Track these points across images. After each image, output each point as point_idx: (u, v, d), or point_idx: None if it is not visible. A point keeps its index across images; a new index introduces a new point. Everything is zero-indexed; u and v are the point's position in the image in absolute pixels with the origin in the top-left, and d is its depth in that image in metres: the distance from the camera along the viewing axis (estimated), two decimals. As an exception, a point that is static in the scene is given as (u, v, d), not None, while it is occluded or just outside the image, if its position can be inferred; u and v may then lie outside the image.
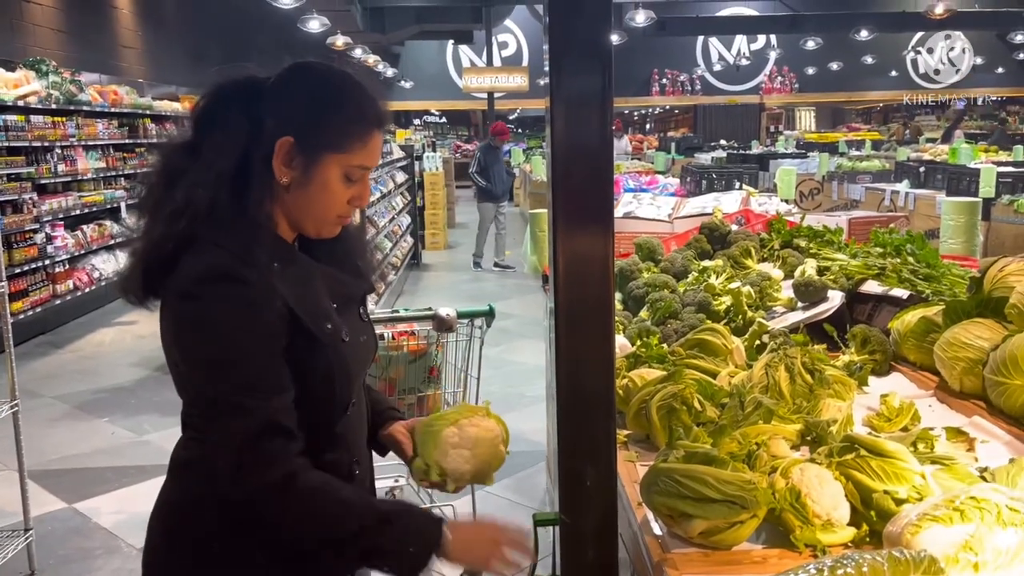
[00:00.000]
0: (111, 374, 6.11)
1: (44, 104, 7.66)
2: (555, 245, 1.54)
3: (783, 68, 24.78)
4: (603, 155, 1.51)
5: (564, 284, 1.53)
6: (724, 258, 3.11)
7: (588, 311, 1.52)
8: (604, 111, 1.52)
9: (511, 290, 9.06)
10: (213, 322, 1.26)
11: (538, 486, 4.01)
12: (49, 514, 3.79)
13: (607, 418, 1.57)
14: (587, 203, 1.51)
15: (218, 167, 1.30)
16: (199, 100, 1.42)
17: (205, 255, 1.28)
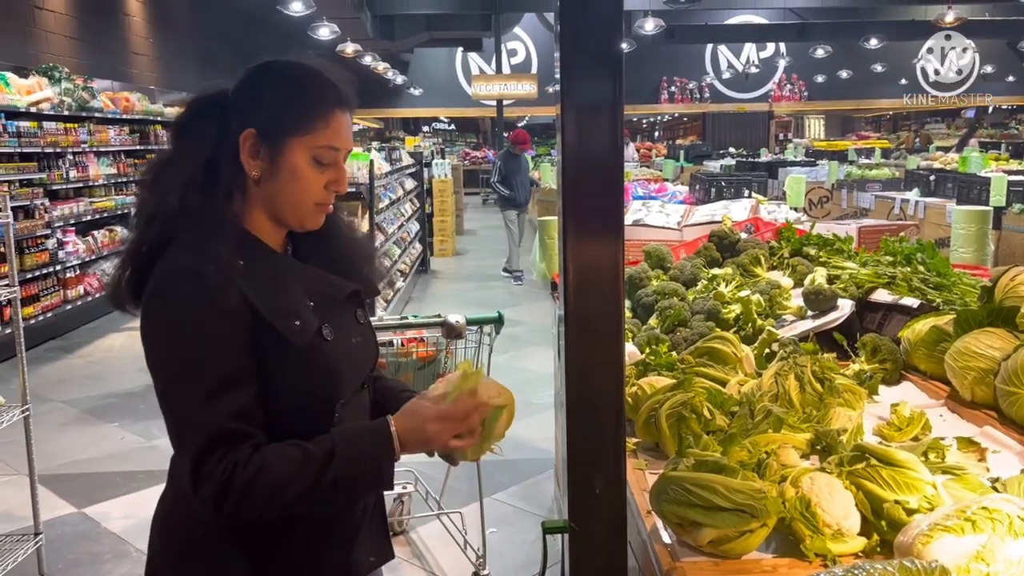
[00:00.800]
0: (120, 379, 6.14)
1: (56, 111, 7.72)
2: (565, 253, 1.54)
3: (792, 76, 24.77)
4: (614, 163, 1.51)
5: (574, 292, 1.53)
6: (733, 266, 3.11)
7: (598, 319, 1.53)
8: (615, 119, 1.52)
9: (519, 297, 9.06)
10: (165, 321, 1.28)
11: (545, 494, 4.01)
12: (59, 518, 3.80)
13: (616, 426, 1.57)
14: (597, 211, 1.52)
15: (187, 170, 1.33)
16: (179, 112, 1.45)
17: (172, 256, 1.30)
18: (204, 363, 1.27)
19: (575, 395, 1.55)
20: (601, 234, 1.51)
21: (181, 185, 1.32)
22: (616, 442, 1.56)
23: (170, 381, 1.29)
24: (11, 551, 3.16)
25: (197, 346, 1.27)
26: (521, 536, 3.60)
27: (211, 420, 1.25)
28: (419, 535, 3.59)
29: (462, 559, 3.26)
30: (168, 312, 1.28)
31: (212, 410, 1.25)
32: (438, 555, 3.41)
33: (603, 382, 1.54)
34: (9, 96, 7.01)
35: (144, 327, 1.31)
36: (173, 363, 1.29)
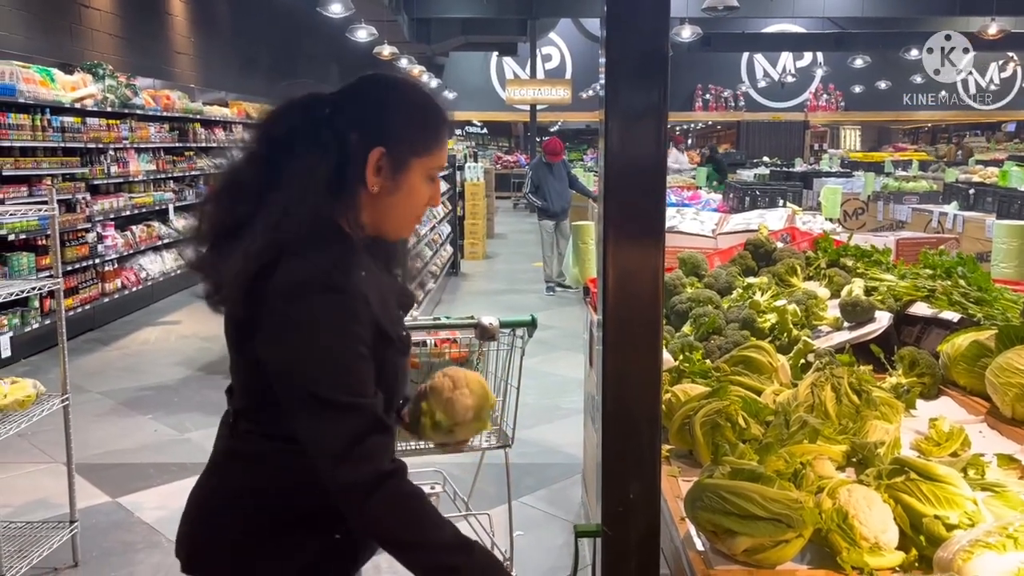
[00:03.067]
0: (155, 372, 6.23)
1: (100, 107, 7.87)
2: (605, 259, 1.54)
3: (829, 86, 24.53)
4: (657, 170, 1.51)
5: (613, 298, 1.53)
6: (769, 275, 3.09)
7: (636, 326, 1.53)
8: (659, 126, 1.53)
9: (549, 301, 9.06)
10: (319, 326, 1.31)
11: (573, 498, 4.00)
12: (93, 507, 3.87)
13: (652, 432, 1.57)
14: (639, 218, 1.52)
15: (310, 180, 1.35)
16: (272, 115, 1.45)
17: (304, 263, 1.32)
18: (351, 365, 1.32)
19: (611, 400, 1.56)
20: (642, 241, 1.51)
21: (308, 194, 1.34)
22: (651, 449, 1.56)
23: (319, 377, 1.30)
24: (47, 538, 3.23)
25: (345, 350, 1.31)
26: (548, 541, 3.60)
27: (373, 412, 1.32)
28: (446, 536, 3.60)
29: (489, 561, 3.26)
30: (321, 317, 1.31)
31: (368, 402, 1.32)
32: (465, 556, 3.42)
33: (640, 388, 1.54)
34: (54, 92, 7.16)
35: (287, 325, 1.32)
36: (322, 361, 1.31)
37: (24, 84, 6.61)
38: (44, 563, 3.19)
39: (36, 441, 4.55)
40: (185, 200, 10.02)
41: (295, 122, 1.40)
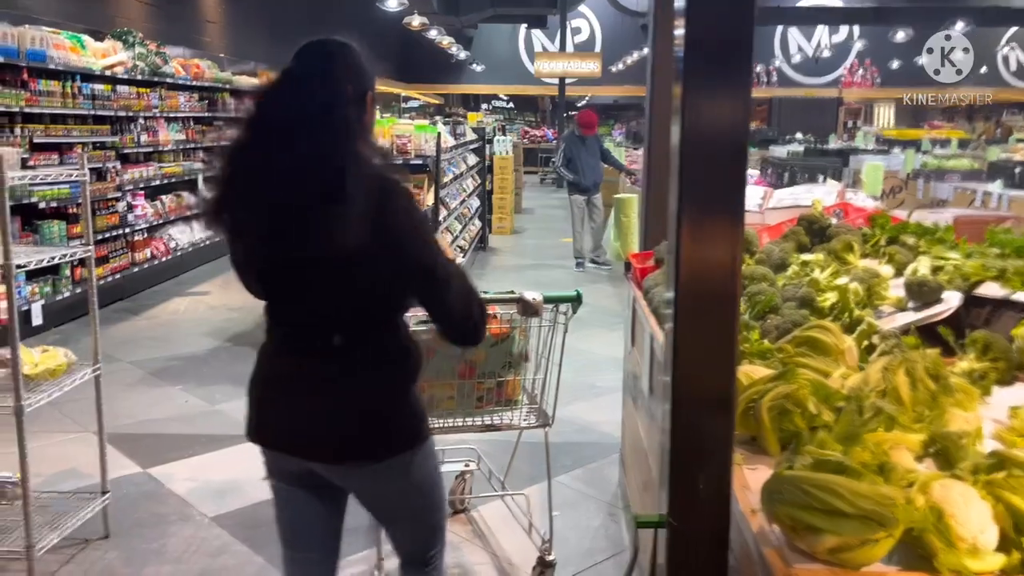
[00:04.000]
0: (185, 342, 6.20)
1: (130, 75, 7.81)
2: (679, 236, 1.42)
3: (865, 61, 23.98)
4: (739, 143, 1.39)
5: (687, 275, 1.41)
6: (824, 252, 2.95)
7: (712, 307, 1.42)
8: (742, 97, 1.40)
9: (579, 278, 8.93)
10: (417, 210, 1.84)
11: (610, 479, 3.91)
12: (124, 478, 3.83)
13: (726, 419, 1.45)
14: (718, 194, 1.40)
15: (357, 128, 1.77)
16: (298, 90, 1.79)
17: (399, 183, 1.79)
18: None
19: (682, 383, 1.45)
20: (721, 218, 1.39)
21: (359, 138, 1.75)
22: (724, 436, 1.45)
23: (430, 243, 1.82)
24: (77, 509, 3.19)
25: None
26: (585, 521, 3.51)
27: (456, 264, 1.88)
28: (480, 515, 3.53)
29: (525, 542, 3.18)
30: (416, 205, 1.85)
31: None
32: (500, 537, 3.34)
33: (714, 371, 1.43)
34: (85, 58, 7.10)
35: (416, 218, 1.81)
36: (428, 233, 1.85)
37: (55, 50, 6.55)
38: (75, 534, 3.15)
39: (67, 410, 4.52)
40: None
41: (338, 80, 1.78)
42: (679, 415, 1.46)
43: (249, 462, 4.12)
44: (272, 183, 1.68)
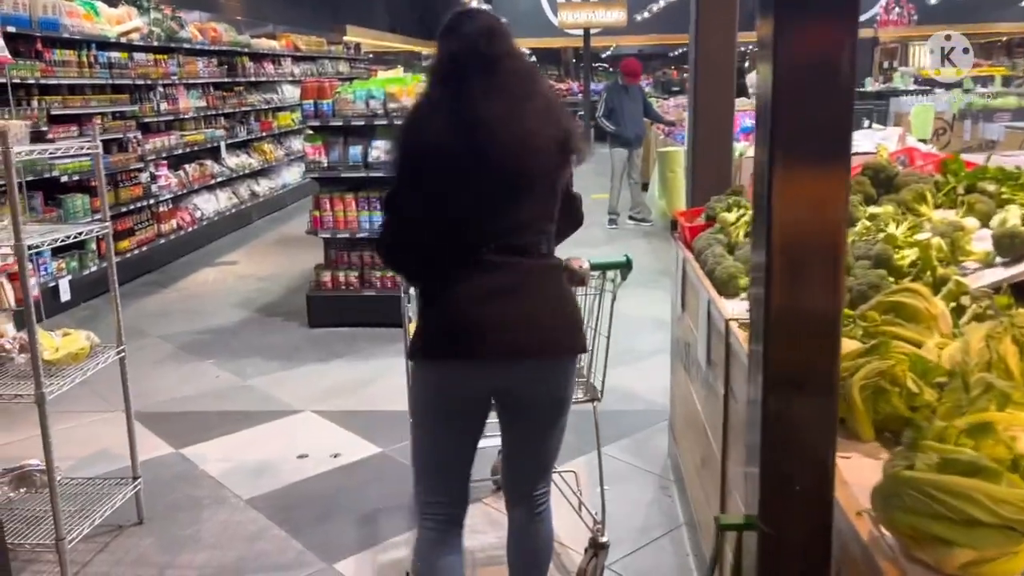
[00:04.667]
0: (215, 314, 6.09)
1: (146, 41, 7.61)
2: (769, 190, 1.20)
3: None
4: (846, 78, 1.15)
5: (784, 238, 1.19)
6: (893, 204, 2.70)
7: (814, 272, 1.19)
8: (849, 25, 1.17)
9: (613, 235, 8.68)
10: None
11: (658, 448, 3.72)
12: (156, 459, 3.72)
13: (828, 408, 1.25)
14: (823, 139, 1.17)
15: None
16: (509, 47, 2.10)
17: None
18: None
19: (777, 364, 1.23)
20: (826, 164, 1.17)
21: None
22: (827, 427, 1.24)
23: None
24: (109, 495, 3.08)
25: None
26: (636, 495, 3.34)
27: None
28: (525, 490, 3.36)
29: (575, 521, 3.02)
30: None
31: None
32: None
33: (815, 349, 1.22)
34: (99, 25, 6.91)
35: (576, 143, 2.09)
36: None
37: (68, 18, 6.36)
38: (108, 520, 3.05)
39: (98, 388, 4.40)
40: (237, 137, 9.79)
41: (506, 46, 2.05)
42: (771, 401, 1.26)
43: (282, 440, 4.04)
44: (501, 109, 1.94)
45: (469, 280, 1.99)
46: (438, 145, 1.94)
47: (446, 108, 1.95)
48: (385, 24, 19.34)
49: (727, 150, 3.38)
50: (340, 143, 5.55)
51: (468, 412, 2.11)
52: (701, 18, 3.22)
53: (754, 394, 1.29)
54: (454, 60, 1.99)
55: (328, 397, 4.44)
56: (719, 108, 3.30)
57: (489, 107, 1.93)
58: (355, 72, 14.32)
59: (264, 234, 9.47)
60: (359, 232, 5.57)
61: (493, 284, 1.99)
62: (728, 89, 3.31)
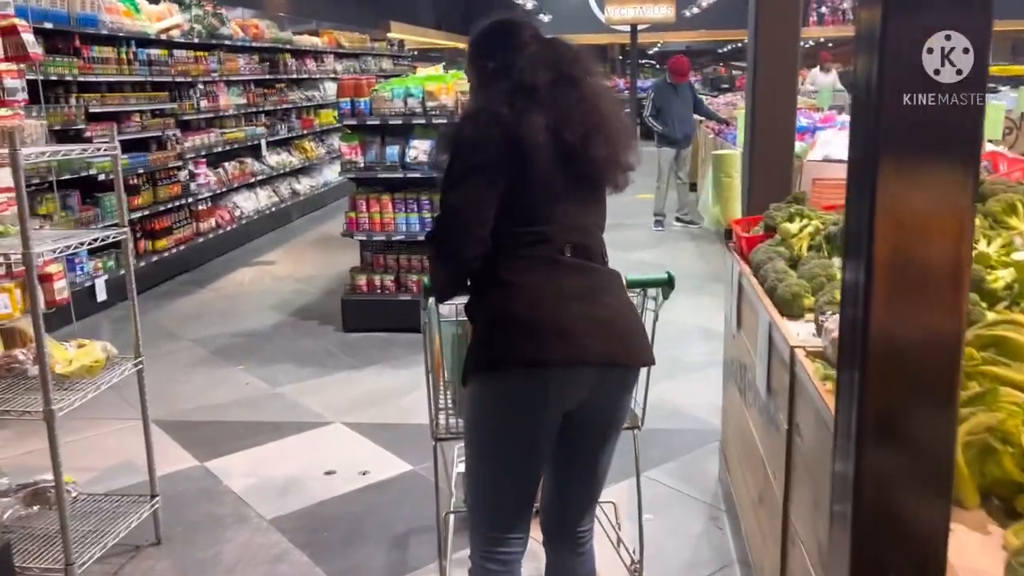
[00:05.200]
0: (249, 317, 5.97)
1: (187, 38, 7.54)
2: (873, 191, 0.96)
3: (961, -7, 22.23)
4: (981, 59, 0.91)
5: (890, 247, 0.95)
6: (980, 216, 2.41)
7: (930, 287, 0.95)
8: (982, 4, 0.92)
9: (659, 238, 8.40)
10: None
11: (708, 473, 3.47)
12: (179, 472, 3.58)
13: (942, 470, 1.00)
14: (941, 131, 0.93)
15: None
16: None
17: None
18: None
19: (875, 404, 0.99)
20: (946, 165, 0.92)
21: None
22: (940, 494, 1.00)
23: None
24: (126, 514, 2.93)
25: None
26: (683, 526, 3.10)
27: None
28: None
29: (613, 557, 2.78)
30: None
31: None
32: (587, 545, 2.94)
33: (928, 381, 0.98)
34: (139, 22, 6.85)
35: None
36: None
37: (107, 15, 6.29)
38: (124, 540, 2.90)
39: (125, 394, 4.28)
40: (277, 134, 9.71)
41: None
42: (867, 456, 1.02)
43: (310, 454, 3.87)
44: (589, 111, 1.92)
45: (552, 280, 1.91)
46: (532, 145, 1.87)
47: (535, 115, 1.89)
48: (430, 21, 19.23)
49: (788, 153, 3.11)
50: (377, 142, 5.38)
51: (550, 431, 1.95)
52: (761, 9, 2.95)
53: (843, 445, 1.05)
54: (536, 71, 1.94)
55: (359, 407, 4.26)
56: (780, 107, 3.03)
57: (581, 119, 1.91)
58: (398, 69, 14.20)
59: (303, 233, 9.38)
60: (395, 234, 5.40)
61: (576, 286, 1.91)
62: (791, 87, 3.05)
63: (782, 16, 2.95)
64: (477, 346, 1.93)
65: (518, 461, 1.97)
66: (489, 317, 1.92)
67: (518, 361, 1.86)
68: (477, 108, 2.00)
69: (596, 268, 1.97)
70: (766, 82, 3.05)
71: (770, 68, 3.03)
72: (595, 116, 1.95)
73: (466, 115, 2.04)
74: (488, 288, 1.93)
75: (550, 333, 1.85)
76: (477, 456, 2.03)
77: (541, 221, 1.91)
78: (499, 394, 1.92)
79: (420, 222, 5.36)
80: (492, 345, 1.89)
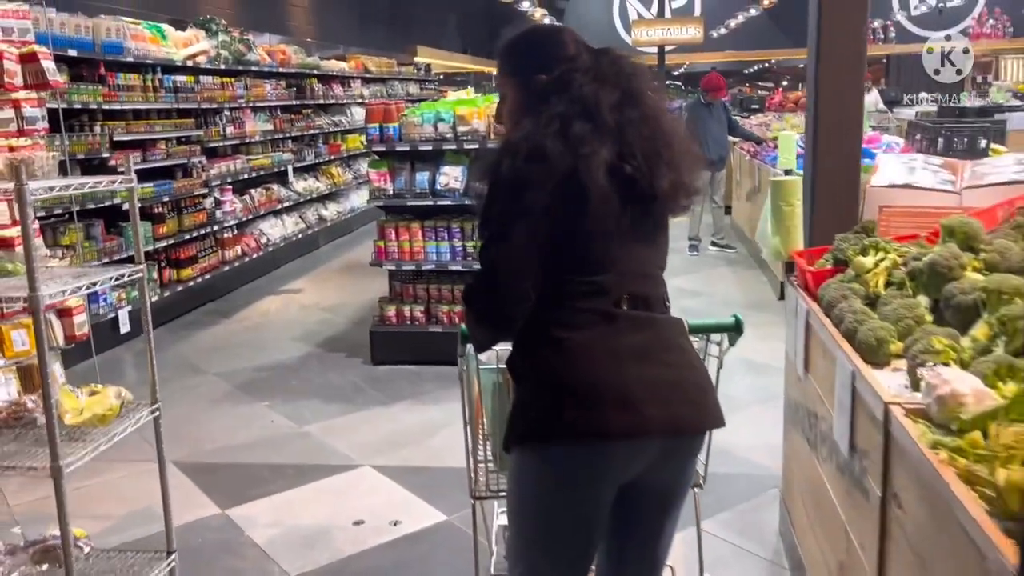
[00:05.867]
0: (275, 348, 5.79)
1: (213, 64, 7.45)
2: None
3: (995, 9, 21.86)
4: None
5: None
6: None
7: None
8: None
9: (698, 262, 8.14)
10: None
11: (767, 524, 3.20)
12: (201, 522, 3.38)
13: None
14: None
15: None
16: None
17: None
18: None
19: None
20: None
21: None
22: None
23: None
24: (140, 574, 2.71)
25: None
26: (743, 587, 2.83)
27: None
28: None
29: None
30: None
31: None
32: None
33: None
34: (166, 49, 6.76)
35: None
36: None
37: (132, 42, 6.19)
38: (139, 601, 2.69)
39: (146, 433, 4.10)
40: (304, 160, 9.60)
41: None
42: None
43: (338, 501, 3.61)
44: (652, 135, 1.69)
45: (610, 338, 1.66)
46: (594, 187, 1.61)
47: (599, 147, 1.62)
48: (456, 45, 19.20)
49: (854, 180, 2.87)
50: (407, 169, 5.20)
51: (605, 509, 1.72)
52: (825, 20, 2.72)
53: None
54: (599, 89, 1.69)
55: (389, 449, 4.04)
56: (845, 130, 2.79)
57: (644, 146, 1.67)
58: (424, 93, 14.12)
59: (330, 260, 9.23)
60: (425, 263, 5.20)
61: (637, 343, 1.68)
62: (857, 106, 2.81)
63: (849, 27, 2.72)
64: (523, 412, 1.69)
65: (568, 545, 1.74)
66: (537, 380, 1.67)
67: (573, 434, 1.62)
68: (523, 137, 1.66)
69: (658, 320, 1.74)
70: (829, 102, 2.81)
71: (834, 87, 2.80)
72: (659, 140, 1.71)
73: (509, 146, 1.69)
74: (535, 346, 1.69)
75: (610, 401, 1.61)
76: (522, 537, 1.78)
77: (597, 269, 1.67)
78: (549, 469, 1.67)
79: (451, 251, 5.17)
80: (541, 413, 1.65)
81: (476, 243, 1.68)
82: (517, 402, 1.72)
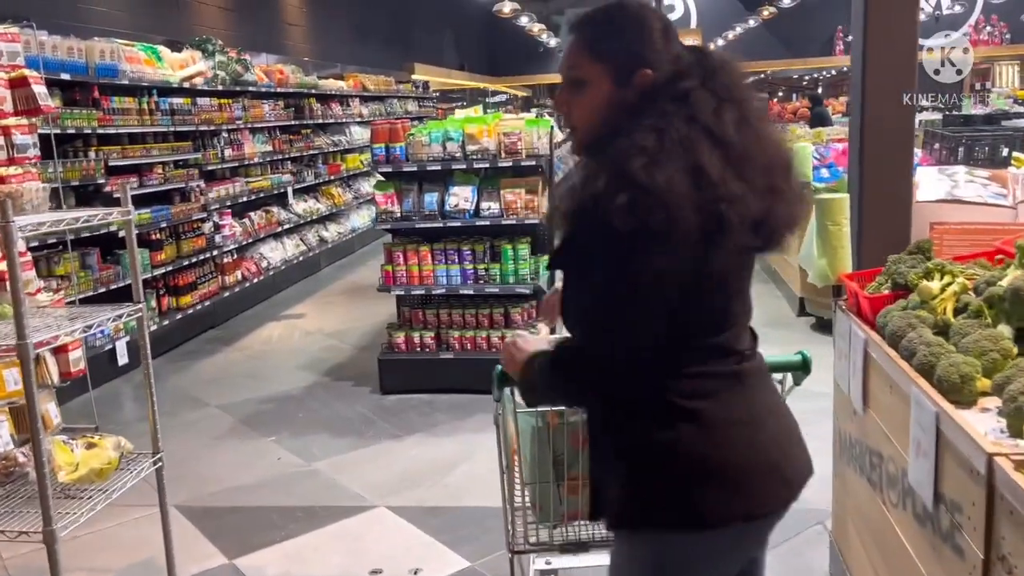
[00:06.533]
0: (278, 379, 5.57)
1: (210, 85, 7.27)
2: None
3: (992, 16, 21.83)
4: None
5: None
6: None
7: None
8: None
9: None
10: None
11: (816, 565, 2.98)
12: (205, 573, 3.15)
13: None
14: None
15: None
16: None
17: None
18: None
19: None
20: None
21: None
22: None
23: None
24: (144, 640, 2.50)
25: None
26: (798, 640, 2.61)
27: None
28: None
29: None
30: None
31: None
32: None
33: None
34: (161, 71, 6.57)
35: None
36: None
37: (127, 64, 6.01)
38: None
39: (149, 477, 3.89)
40: (304, 181, 9.42)
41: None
42: None
43: (351, 548, 3.31)
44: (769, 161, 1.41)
45: (739, 402, 1.47)
46: (734, 236, 1.34)
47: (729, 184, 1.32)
48: (454, 61, 19.08)
49: (905, 196, 2.67)
50: (414, 190, 5.00)
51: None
52: (871, 25, 2.54)
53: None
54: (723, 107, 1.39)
55: (403, 487, 3.82)
56: (895, 143, 2.60)
57: (763, 176, 1.38)
58: (423, 111, 13.96)
59: (332, 282, 9.02)
60: (435, 288, 5.00)
61: (762, 402, 1.52)
62: (908, 116, 2.62)
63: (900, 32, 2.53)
64: (643, 493, 1.44)
65: None
66: (667, 458, 1.42)
67: (734, 516, 1.42)
68: (645, 166, 1.27)
69: (765, 370, 1.60)
70: (876, 112, 2.62)
71: (881, 95, 2.61)
72: (777, 173, 1.42)
73: (626, 175, 1.28)
74: (663, 420, 1.42)
75: (762, 474, 1.44)
76: None
77: (718, 328, 1.46)
78: (679, 562, 1.47)
79: (461, 274, 4.97)
80: (676, 497, 1.42)
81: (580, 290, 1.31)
82: (632, 485, 1.45)
